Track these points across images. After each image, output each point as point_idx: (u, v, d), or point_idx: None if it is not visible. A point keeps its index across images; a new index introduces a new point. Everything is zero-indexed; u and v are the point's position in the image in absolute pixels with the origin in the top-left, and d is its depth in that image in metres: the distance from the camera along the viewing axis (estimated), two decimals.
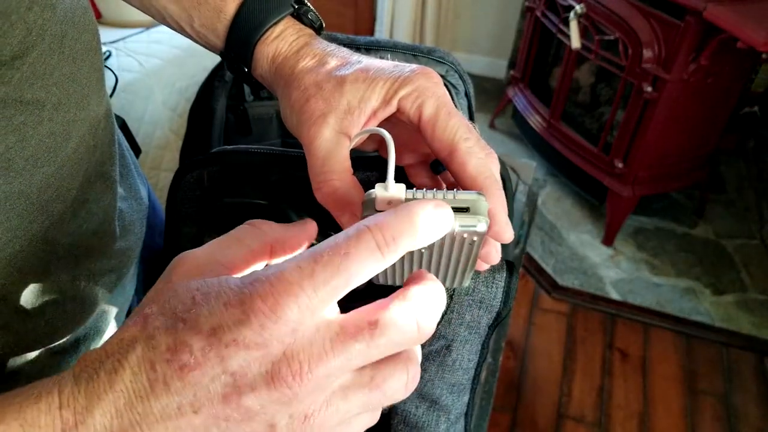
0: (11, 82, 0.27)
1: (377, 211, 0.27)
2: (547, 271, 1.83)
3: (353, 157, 0.33)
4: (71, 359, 0.41)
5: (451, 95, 0.42)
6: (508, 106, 2.38)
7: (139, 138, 1.34)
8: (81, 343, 0.42)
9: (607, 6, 1.65)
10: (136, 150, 0.59)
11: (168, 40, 1.53)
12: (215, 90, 0.84)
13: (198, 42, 0.40)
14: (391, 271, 0.31)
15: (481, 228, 0.27)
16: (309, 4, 0.38)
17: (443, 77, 0.51)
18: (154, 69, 1.42)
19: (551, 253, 1.90)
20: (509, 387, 1.52)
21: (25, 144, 0.29)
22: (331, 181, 0.31)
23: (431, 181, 0.37)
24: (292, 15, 0.37)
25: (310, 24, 0.37)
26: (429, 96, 0.31)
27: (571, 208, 2.06)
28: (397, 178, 0.32)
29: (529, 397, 1.50)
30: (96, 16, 1.68)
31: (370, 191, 0.28)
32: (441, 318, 0.40)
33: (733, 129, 2.10)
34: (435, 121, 0.31)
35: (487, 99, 2.64)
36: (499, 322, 0.41)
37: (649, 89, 1.58)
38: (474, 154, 0.31)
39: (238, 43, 0.36)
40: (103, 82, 0.38)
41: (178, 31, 0.39)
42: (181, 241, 0.45)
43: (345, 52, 0.35)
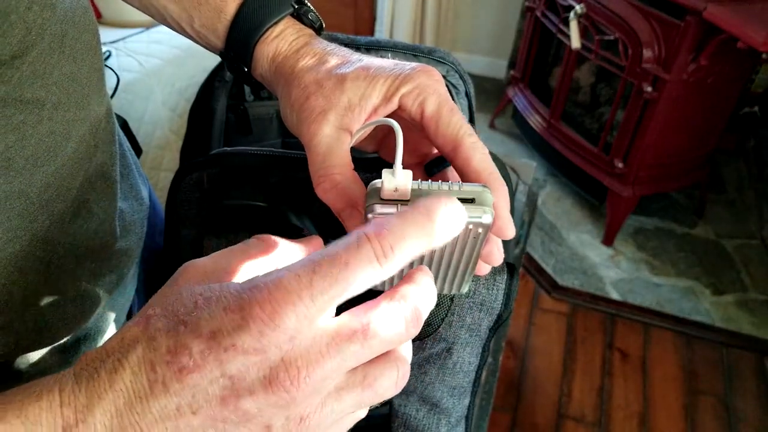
0: (11, 82, 0.27)
1: (382, 200, 0.27)
2: (547, 271, 1.83)
3: (353, 158, 0.33)
4: (72, 359, 0.41)
5: (451, 95, 0.42)
6: (508, 106, 2.38)
7: (139, 138, 1.34)
8: (81, 343, 0.42)
9: (607, 6, 1.65)
10: (137, 150, 0.59)
11: (168, 40, 1.53)
12: (215, 90, 0.84)
13: (198, 42, 0.40)
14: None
15: (487, 219, 0.27)
16: (309, 4, 0.38)
17: (444, 77, 0.51)
18: (154, 69, 1.42)
19: (551, 253, 1.90)
20: (509, 387, 1.52)
21: (25, 143, 0.29)
22: (332, 176, 0.31)
23: None
24: (292, 15, 0.37)
25: (310, 24, 0.37)
26: (431, 93, 0.31)
27: (571, 208, 2.06)
28: None
29: (529, 397, 1.50)
30: (96, 16, 1.68)
31: (375, 181, 0.28)
32: (441, 321, 0.40)
33: (733, 129, 2.10)
34: (438, 117, 0.31)
35: (487, 99, 2.64)
36: (500, 324, 0.41)
37: (649, 89, 1.58)
38: (478, 149, 0.31)
39: (238, 43, 0.36)
40: (104, 82, 0.38)
41: (177, 31, 0.39)
42: (180, 243, 0.44)
43: (345, 51, 0.35)
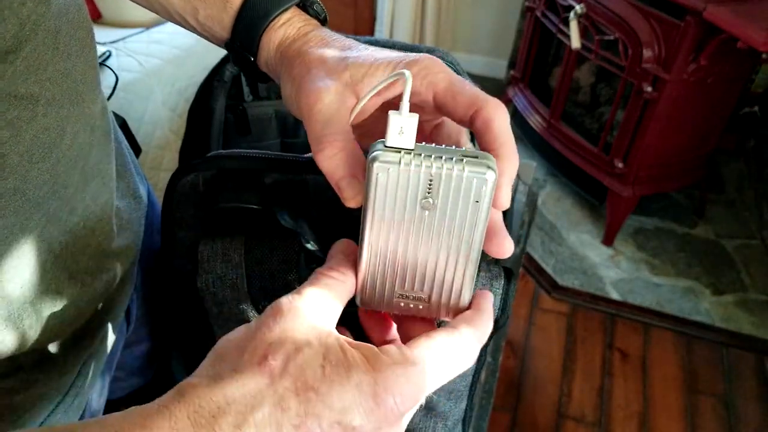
0: (4, 77, 0.27)
1: (387, 147, 0.26)
2: (547, 271, 1.83)
3: None
4: (70, 357, 0.41)
5: None
6: (508, 106, 2.38)
7: (139, 138, 1.34)
8: (79, 341, 0.42)
9: (607, 6, 1.65)
10: (136, 149, 0.59)
11: (168, 40, 1.53)
12: (214, 90, 0.84)
13: (201, 34, 0.39)
14: (393, 249, 0.29)
15: (490, 176, 0.26)
16: None
17: None
18: (154, 69, 1.42)
19: (551, 253, 1.90)
20: (509, 387, 1.52)
21: (19, 139, 0.29)
22: (334, 142, 0.30)
23: None
24: (298, 5, 0.37)
25: (315, 15, 0.37)
26: (438, 72, 0.31)
27: (571, 208, 2.06)
28: None
29: (529, 397, 1.50)
30: (96, 16, 1.68)
31: (376, 141, 0.27)
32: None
33: (733, 129, 2.10)
34: (453, 88, 0.30)
35: None
36: (497, 329, 0.41)
37: (649, 89, 1.58)
38: (501, 110, 0.30)
39: (245, 32, 0.36)
40: (98, 79, 0.38)
41: (181, 24, 0.39)
42: (175, 246, 0.45)
43: (351, 40, 0.35)
